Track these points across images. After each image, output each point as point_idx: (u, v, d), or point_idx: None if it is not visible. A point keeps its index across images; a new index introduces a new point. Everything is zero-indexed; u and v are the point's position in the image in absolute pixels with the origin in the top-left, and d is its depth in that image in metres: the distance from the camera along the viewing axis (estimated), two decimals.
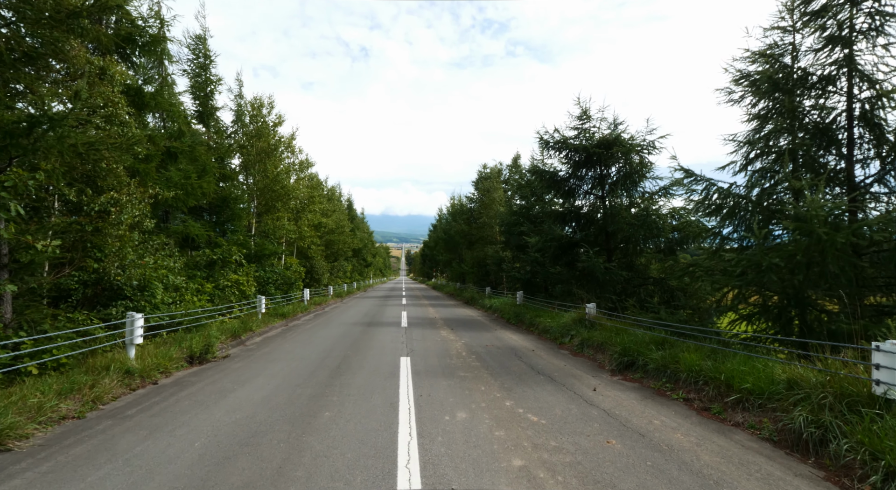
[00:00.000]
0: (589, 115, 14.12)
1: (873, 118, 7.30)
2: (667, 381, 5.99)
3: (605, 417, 4.76)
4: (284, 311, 14.33)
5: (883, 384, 3.72)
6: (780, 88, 7.94)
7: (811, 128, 7.94)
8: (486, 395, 5.60)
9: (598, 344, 8.31)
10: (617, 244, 13.86)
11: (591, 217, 14.67)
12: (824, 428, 3.79)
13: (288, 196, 18.21)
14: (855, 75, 7.28)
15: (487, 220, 26.79)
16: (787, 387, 4.46)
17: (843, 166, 7.70)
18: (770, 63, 8.25)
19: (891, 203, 7.54)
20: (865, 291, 7.44)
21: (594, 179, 14.58)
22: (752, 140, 8.53)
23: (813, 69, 7.80)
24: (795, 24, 7.94)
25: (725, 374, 5.16)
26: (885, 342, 3.78)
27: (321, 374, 6.69)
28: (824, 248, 6.00)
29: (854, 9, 7.18)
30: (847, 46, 7.29)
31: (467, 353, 8.50)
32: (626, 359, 7.04)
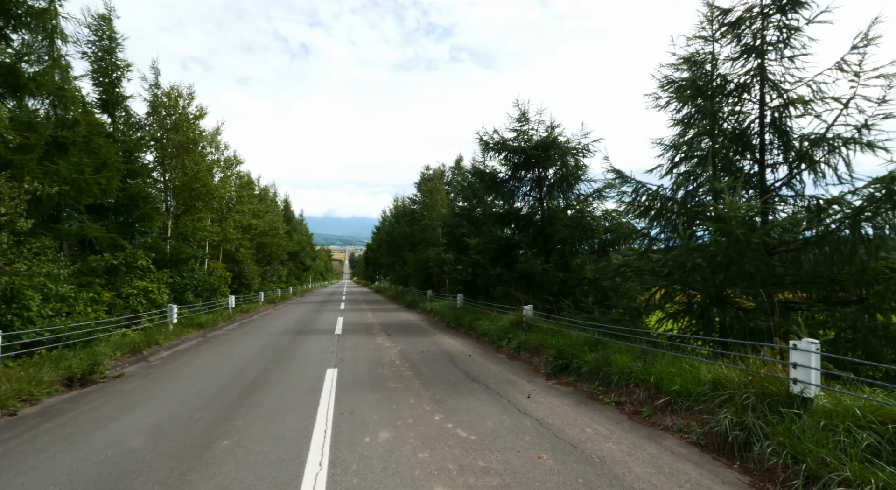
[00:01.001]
0: (527, 117, 14.19)
1: (782, 125, 7.70)
2: (600, 385, 5.90)
3: (537, 428, 4.51)
4: (203, 321, 13.08)
5: (800, 383, 3.74)
6: (702, 94, 8.23)
7: (729, 133, 8.29)
8: (414, 408, 5.19)
9: (535, 347, 8.18)
10: (554, 245, 14.02)
11: (529, 219, 14.75)
12: (748, 430, 3.76)
13: (211, 195, 16.80)
14: (766, 84, 7.65)
15: (430, 221, 26.47)
16: (712, 387, 4.45)
17: (756, 170, 8.09)
18: (692, 70, 8.54)
19: (797, 205, 8.00)
20: (776, 289, 7.84)
21: (533, 181, 14.68)
22: (677, 144, 8.79)
23: (731, 77, 8.14)
24: (715, 34, 8.26)
25: (655, 376, 5.11)
26: (802, 340, 3.81)
27: (231, 393, 5.95)
28: (742, 248, 6.19)
29: (765, 21, 7.54)
30: (759, 57, 7.66)
31: (401, 362, 8.05)
32: (560, 362, 6.92)
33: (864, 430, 3.21)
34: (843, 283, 7.18)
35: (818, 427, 3.36)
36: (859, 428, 3.23)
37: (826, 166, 7.27)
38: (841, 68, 6.93)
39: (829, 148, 7.13)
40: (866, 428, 3.22)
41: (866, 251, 6.58)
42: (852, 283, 6.96)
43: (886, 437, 3.12)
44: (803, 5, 7.19)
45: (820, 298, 7.44)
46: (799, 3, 7.21)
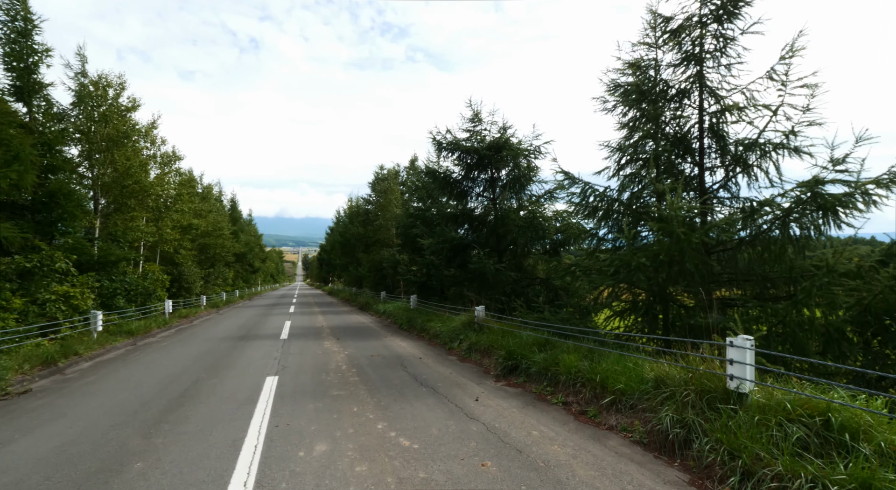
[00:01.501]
0: (480, 117, 14.17)
1: (719, 130, 8.02)
2: (548, 385, 5.87)
3: (483, 433, 4.37)
4: (133, 328, 12.09)
5: (736, 379, 3.81)
6: (646, 99, 8.45)
7: (671, 137, 8.56)
8: (357, 417, 4.91)
9: (486, 348, 8.10)
10: (507, 245, 14.08)
11: (483, 219, 14.75)
12: (688, 427, 3.79)
13: (145, 193, 15.62)
14: (704, 91, 7.94)
15: (384, 222, 26.04)
16: (654, 385, 4.49)
17: (696, 173, 8.40)
18: (637, 75, 8.75)
19: (733, 207, 8.37)
20: (714, 286, 8.16)
21: (486, 182, 14.69)
22: (623, 147, 8.98)
23: (672, 83, 8.41)
24: (657, 41, 8.50)
25: (601, 375, 5.12)
26: (737, 337, 3.89)
27: (155, 407, 5.42)
28: (683, 248, 6.36)
29: (703, 30, 7.83)
30: (698, 64, 7.94)
31: (348, 367, 7.72)
32: (510, 363, 6.86)
33: (794, 423, 3.29)
34: (774, 280, 7.55)
35: (753, 422, 3.42)
36: (790, 421, 3.31)
37: (759, 170, 7.62)
38: (771, 77, 7.29)
39: (761, 152, 7.48)
40: (796, 421, 3.30)
41: (794, 250, 6.94)
42: (782, 280, 7.32)
43: (814, 430, 3.21)
44: (737, 16, 7.51)
45: (754, 295, 7.79)
46: (734, 13, 7.53)
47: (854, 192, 6.21)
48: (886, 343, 6.51)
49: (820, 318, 6.29)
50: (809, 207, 6.50)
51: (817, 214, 6.52)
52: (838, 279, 5.97)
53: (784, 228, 6.84)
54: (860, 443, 2.94)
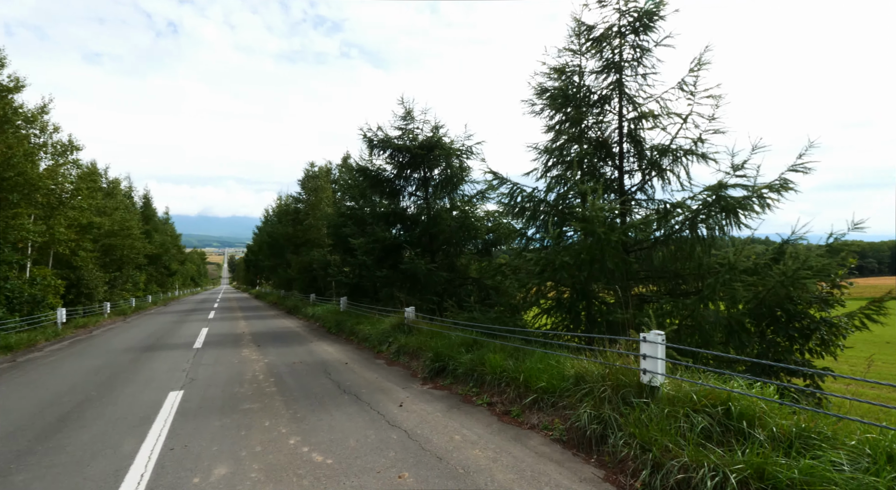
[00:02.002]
0: (412, 115, 13.98)
1: (637, 136, 8.43)
2: (474, 386, 5.79)
3: (404, 441, 4.16)
4: (13, 342, 10.50)
5: (648, 373, 3.93)
6: (571, 103, 8.70)
7: (594, 141, 8.87)
8: (267, 432, 4.50)
9: (414, 350, 7.90)
10: (440, 245, 14.00)
11: (416, 219, 14.55)
12: (604, 423, 3.84)
13: (32, 186, 13.70)
14: (624, 98, 8.30)
15: (315, 221, 25.01)
16: (575, 382, 4.54)
17: (616, 176, 8.77)
18: (562, 80, 8.99)
19: (649, 208, 8.84)
20: (633, 283, 8.56)
21: (419, 181, 14.52)
22: (550, 149, 9.18)
23: (595, 89, 8.71)
24: (581, 48, 8.76)
25: (524, 374, 5.12)
26: (650, 333, 4.01)
27: (25, 436, 4.63)
28: (603, 247, 6.58)
29: (622, 40, 8.19)
30: (618, 72, 8.29)
31: (266, 376, 7.17)
32: (437, 364, 6.71)
33: (699, 413, 3.41)
34: (685, 277, 8.04)
35: (663, 415, 3.51)
36: (696, 412, 3.44)
37: (671, 174, 8.09)
38: (681, 88, 7.76)
39: (673, 157, 7.94)
40: (701, 411, 3.43)
41: (702, 249, 7.42)
42: (692, 276, 7.81)
43: (717, 419, 3.35)
44: (652, 29, 7.92)
45: (668, 291, 8.25)
46: (649, 26, 7.94)
47: (752, 195, 6.73)
48: (777, 332, 7.16)
49: (723, 310, 6.77)
50: (714, 209, 6.96)
51: (721, 216, 7.00)
52: (739, 275, 6.46)
53: (693, 229, 7.28)
54: (756, 429, 3.10)
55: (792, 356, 6.95)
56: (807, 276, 6.27)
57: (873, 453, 2.56)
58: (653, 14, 7.76)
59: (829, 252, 6.85)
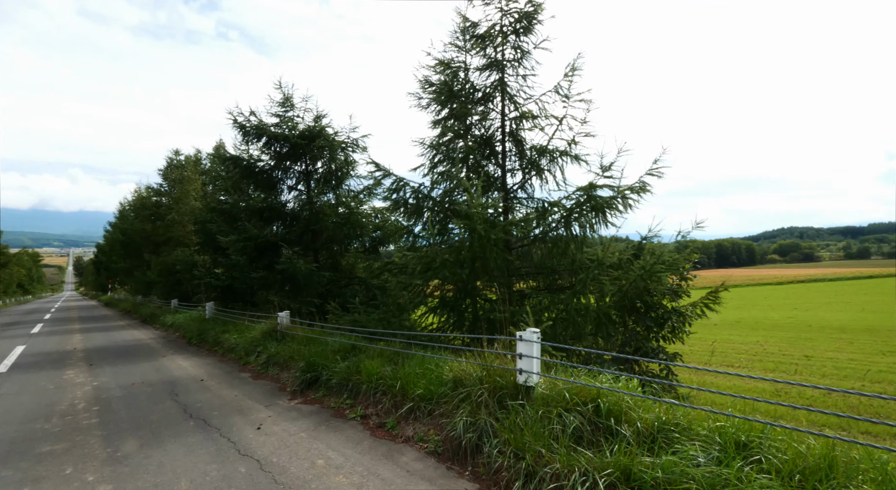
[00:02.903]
0: (292, 102, 12.84)
1: (518, 135, 8.58)
2: (348, 397, 5.24)
3: (253, 475, 3.48)
4: None
5: (524, 373, 3.79)
6: (456, 99, 8.56)
7: (479, 138, 8.85)
8: (65, 484, 3.46)
9: (286, 359, 7.07)
10: (323, 243, 13.06)
11: (297, 215, 13.40)
12: (480, 430, 3.60)
13: None
14: (506, 97, 8.39)
15: (179, 217, 21.97)
16: (453, 387, 4.26)
17: (499, 174, 8.85)
18: (448, 75, 8.81)
19: (529, 207, 9.08)
20: (515, 280, 8.72)
21: (300, 174, 13.41)
22: (437, 144, 8.96)
23: (479, 86, 8.69)
24: (466, 44, 8.67)
25: (402, 381, 4.72)
26: (526, 331, 3.88)
27: None
28: (484, 244, 6.50)
29: (504, 40, 8.27)
30: (500, 71, 8.34)
31: (88, 404, 5.78)
32: (309, 375, 6.02)
33: (571, 412, 3.33)
34: (561, 272, 8.37)
35: (537, 417, 3.37)
36: (568, 411, 3.35)
37: (549, 174, 8.36)
38: (557, 92, 8.05)
39: (550, 158, 8.21)
40: (573, 410, 3.35)
41: (575, 246, 7.76)
42: (567, 272, 8.16)
43: (587, 417, 3.29)
44: (531, 31, 8.10)
45: (546, 286, 8.55)
46: (528, 29, 8.10)
47: (617, 196, 7.18)
48: (638, 322, 7.79)
49: (593, 303, 7.15)
50: (586, 208, 7.31)
51: (592, 215, 7.37)
52: (606, 270, 6.85)
53: (568, 227, 7.57)
54: (623, 426, 3.08)
55: (649, 343, 7.63)
56: (661, 269, 6.86)
57: (722, 442, 2.63)
58: (531, 16, 7.93)
59: (678, 248, 7.64)
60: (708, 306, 7.55)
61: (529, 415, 3.42)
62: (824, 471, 2.21)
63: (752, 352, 19.51)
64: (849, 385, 13.43)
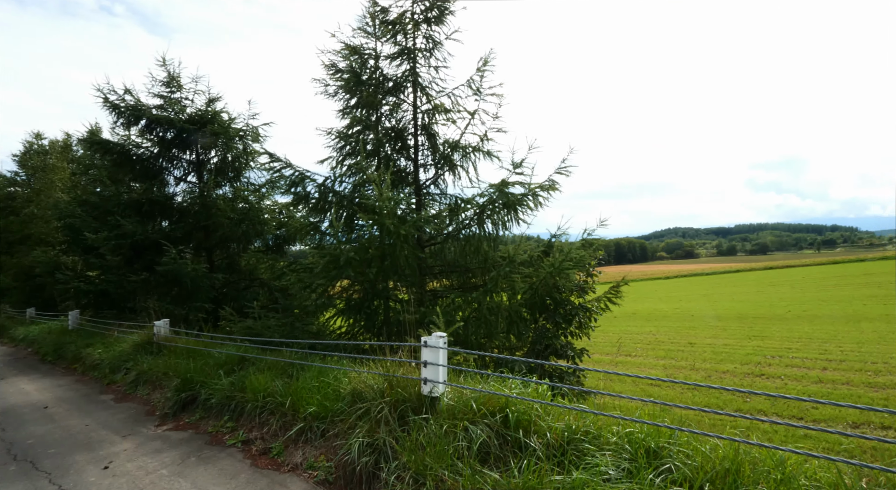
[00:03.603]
0: (179, 82, 11.34)
1: (431, 129, 8.26)
2: (229, 419, 4.49)
3: None
4: None
5: (430, 382, 3.41)
6: (366, 87, 8.01)
7: (391, 130, 8.38)
8: None
9: (160, 376, 6.02)
10: (217, 242, 11.71)
11: (186, 210, 11.86)
12: (378, 451, 3.15)
13: None
14: (418, 88, 8.01)
15: (40, 211, 18.65)
16: (351, 401, 3.76)
17: (412, 169, 8.46)
18: (357, 62, 8.23)
19: (443, 203, 8.80)
20: (429, 278, 8.40)
21: (190, 164, 11.90)
22: (346, 135, 8.34)
23: (390, 75, 8.21)
24: (377, 31, 8.15)
25: (293, 397, 4.11)
26: (431, 336, 3.51)
27: None
28: (394, 241, 6.07)
29: (415, 28, 7.88)
30: (412, 61, 7.94)
31: None
32: (185, 394, 5.12)
33: (478, 425, 3.02)
34: (475, 270, 8.20)
35: (441, 433, 3.00)
36: (475, 424, 3.03)
37: (462, 170, 8.14)
38: (470, 86, 7.85)
39: (463, 153, 8.00)
40: (480, 422, 3.04)
41: (488, 244, 7.62)
42: (480, 270, 8.00)
43: (496, 429, 3.00)
44: (443, 21, 7.81)
45: (459, 285, 8.34)
46: (440, 19, 7.79)
47: (528, 193, 7.15)
48: (548, 319, 7.86)
49: (506, 301, 7.04)
50: (499, 205, 7.19)
51: (504, 212, 7.28)
52: (517, 268, 6.77)
53: (480, 224, 7.40)
54: (532, 438, 2.82)
55: (558, 340, 7.73)
56: (569, 266, 6.93)
57: (633, 449, 2.47)
58: (443, 6, 7.64)
59: (584, 246, 7.82)
60: (610, 300, 7.83)
61: (433, 430, 3.04)
62: (732, 475, 2.11)
63: (647, 341, 21.27)
64: (724, 368, 15.04)
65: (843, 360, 15.14)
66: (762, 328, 22.92)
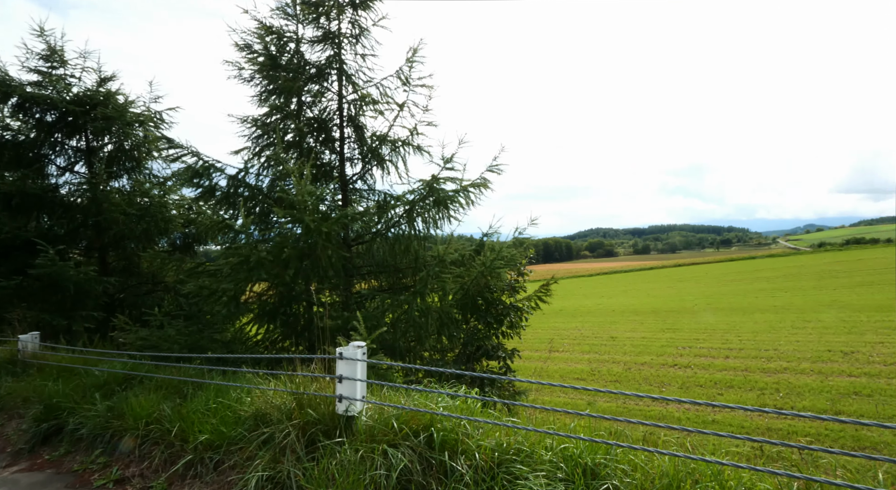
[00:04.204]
0: (62, 57, 9.81)
1: (358, 121, 7.76)
2: (102, 454, 3.71)
3: None
4: None
5: (345, 399, 2.98)
6: (286, 72, 7.33)
7: (313, 121, 7.77)
8: None
9: (20, 402, 4.96)
10: (112, 241, 10.26)
11: (72, 204, 10.28)
12: (282, 486, 2.68)
13: None
14: (343, 77, 7.47)
15: None
16: (253, 425, 3.22)
17: (337, 163, 7.89)
18: (274, 43, 7.52)
19: (370, 199, 8.32)
20: (356, 280, 7.89)
21: (78, 152, 10.35)
22: (263, 124, 7.61)
23: (313, 61, 7.60)
24: (298, 13, 7.49)
25: (183, 422, 3.47)
26: (348, 346, 3.08)
27: None
28: (315, 239, 5.53)
29: (340, 12, 7.35)
30: (337, 47, 7.40)
31: None
32: (47, 425, 4.21)
33: (399, 447, 2.64)
34: (405, 270, 7.84)
35: (357, 459, 2.59)
36: (395, 446, 2.65)
37: (391, 164, 7.73)
38: (399, 77, 7.46)
39: (392, 147, 7.59)
40: (402, 444, 2.67)
41: (418, 243, 7.29)
42: (410, 271, 7.65)
43: (419, 452, 2.64)
44: (369, 6, 7.34)
45: (390, 286, 7.94)
46: (366, 4, 7.32)
47: (460, 190, 6.92)
48: (479, 319, 7.69)
49: (437, 302, 6.75)
50: (429, 203, 6.89)
51: (436, 210, 7.00)
52: (448, 267, 6.50)
53: (411, 222, 7.07)
54: (459, 459, 2.50)
55: (490, 341, 7.58)
56: (500, 265, 6.79)
57: (569, 468, 2.23)
58: None
59: (516, 244, 7.75)
60: (541, 299, 7.83)
61: (348, 457, 2.62)
62: None
63: (573, 336, 22.14)
64: (642, 360, 15.96)
65: (742, 348, 16.66)
66: (674, 321, 24.79)
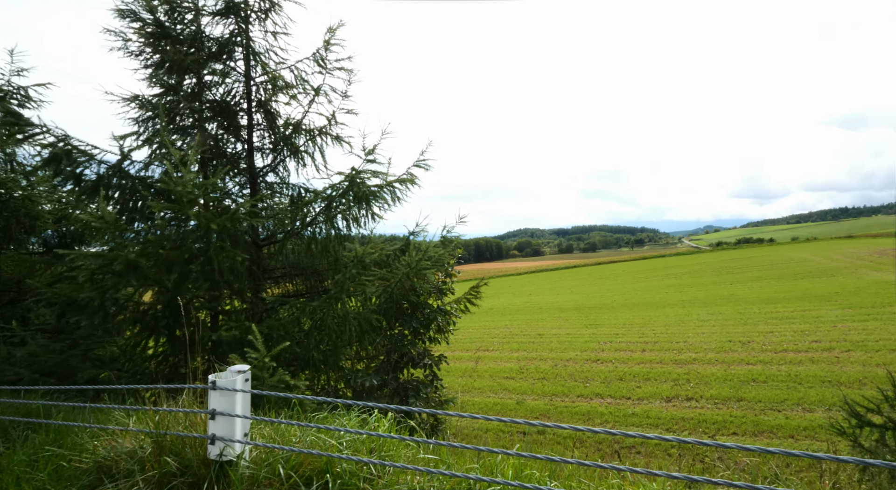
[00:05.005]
0: None
1: (268, 106, 6.95)
2: None
3: None
4: None
5: (220, 441, 2.33)
6: (182, 46, 6.32)
7: (215, 104, 6.81)
8: None
9: None
10: None
11: None
12: None
13: None
14: (252, 56, 6.63)
15: None
16: (95, 480, 2.46)
17: (245, 152, 7.01)
18: (165, 10, 6.46)
19: (284, 194, 7.51)
20: (268, 283, 7.10)
21: None
22: (153, 105, 6.53)
23: (215, 35, 6.65)
24: None
25: (2, 479, 2.61)
26: (225, 372, 2.43)
27: None
28: (205, 238, 4.72)
29: None
30: (243, 21, 6.53)
31: None
32: None
33: None
34: (323, 273, 7.18)
35: None
36: None
37: (307, 155, 7.03)
38: (316, 61, 6.78)
39: (308, 136, 6.89)
40: None
41: (338, 242, 6.67)
42: (330, 273, 7.01)
43: None
44: None
45: (307, 289, 7.25)
46: None
47: (384, 186, 6.42)
48: (404, 324, 7.20)
49: (358, 307, 6.19)
50: (350, 198, 6.32)
51: (358, 207, 6.45)
52: (370, 269, 5.95)
53: (329, 219, 6.45)
54: None
55: (415, 347, 7.11)
56: (427, 266, 6.37)
57: None
58: None
59: (443, 243, 7.35)
60: (470, 302, 7.52)
61: None
62: None
63: (503, 335, 22.37)
64: (567, 356, 16.36)
65: (656, 341, 17.68)
66: (595, 317, 25.98)
